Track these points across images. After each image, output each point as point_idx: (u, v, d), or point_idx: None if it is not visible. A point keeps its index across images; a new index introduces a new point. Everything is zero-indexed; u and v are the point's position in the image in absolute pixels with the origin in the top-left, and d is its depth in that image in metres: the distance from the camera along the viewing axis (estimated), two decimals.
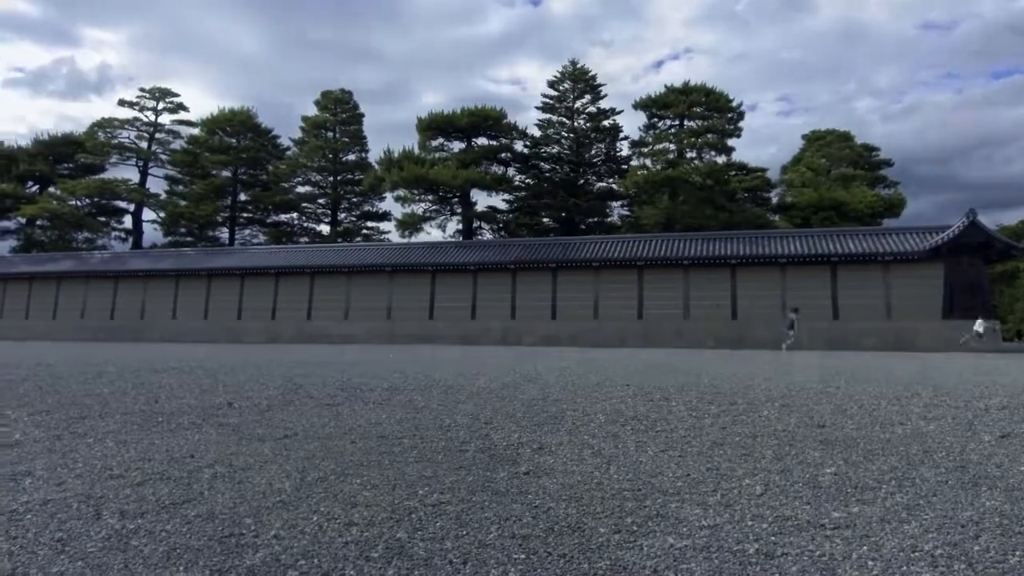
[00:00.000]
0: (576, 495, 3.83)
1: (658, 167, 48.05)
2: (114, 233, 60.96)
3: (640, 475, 4.31)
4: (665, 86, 50.11)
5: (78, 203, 57.48)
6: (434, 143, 50.87)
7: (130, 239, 60.22)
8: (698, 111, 48.39)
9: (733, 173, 49.59)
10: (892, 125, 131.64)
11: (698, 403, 7.30)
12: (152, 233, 60.78)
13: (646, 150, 50.20)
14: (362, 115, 59.55)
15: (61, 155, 60.52)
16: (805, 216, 48.01)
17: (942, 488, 4.01)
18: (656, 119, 50.24)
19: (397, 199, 50.18)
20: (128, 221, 61.11)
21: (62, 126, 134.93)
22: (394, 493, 3.85)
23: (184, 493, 3.82)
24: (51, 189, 58.98)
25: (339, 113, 58.26)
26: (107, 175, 60.33)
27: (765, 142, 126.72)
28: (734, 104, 48.62)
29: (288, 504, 3.63)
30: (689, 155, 48.70)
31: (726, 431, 5.78)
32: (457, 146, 51.34)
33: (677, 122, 49.44)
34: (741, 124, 49.22)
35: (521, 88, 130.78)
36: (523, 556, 2.89)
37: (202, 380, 9.28)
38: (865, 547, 3.01)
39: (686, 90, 48.80)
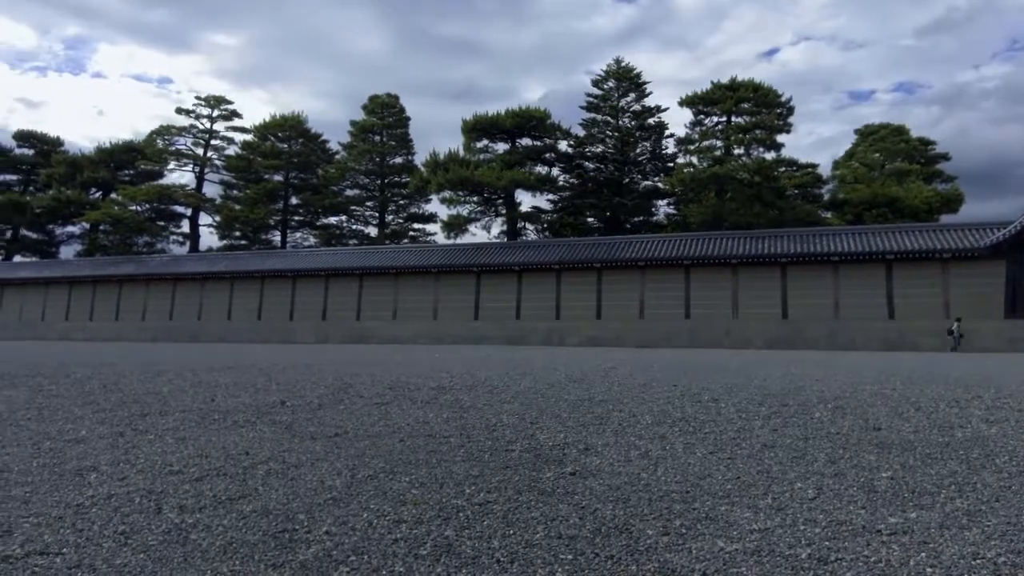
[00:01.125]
0: (623, 496, 3.82)
1: (705, 164, 47.31)
2: (172, 237, 63.01)
3: (688, 477, 4.27)
4: (712, 82, 49.34)
5: (138, 208, 59.57)
6: (479, 145, 51.13)
7: (187, 243, 62.15)
8: (746, 107, 47.47)
9: (783, 169, 48.48)
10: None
11: (748, 405, 7.17)
12: (208, 237, 62.74)
13: (692, 147, 49.48)
14: (408, 118, 60.23)
15: (122, 162, 62.83)
16: (858, 213, 46.65)
17: (1005, 493, 3.86)
18: (703, 116, 49.50)
19: (443, 201, 50.62)
20: (185, 225, 63.08)
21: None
22: (442, 491, 3.90)
23: (240, 489, 3.94)
24: (113, 195, 61.23)
25: (386, 117, 59.02)
26: (165, 181, 62.49)
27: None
28: (783, 99, 47.60)
29: (339, 501, 3.71)
30: (737, 152, 47.82)
31: (777, 433, 5.67)
32: (501, 147, 51.51)
33: (724, 119, 48.62)
34: (791, 120, 48.15)
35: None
36: (570, 557, 2.89)
37: (256, 379, 9.54)
38: (923, 554, 2.93)
39: (733, 86, 47.95)
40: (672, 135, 52.28)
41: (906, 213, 45.10)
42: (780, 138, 47.56)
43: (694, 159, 49.10)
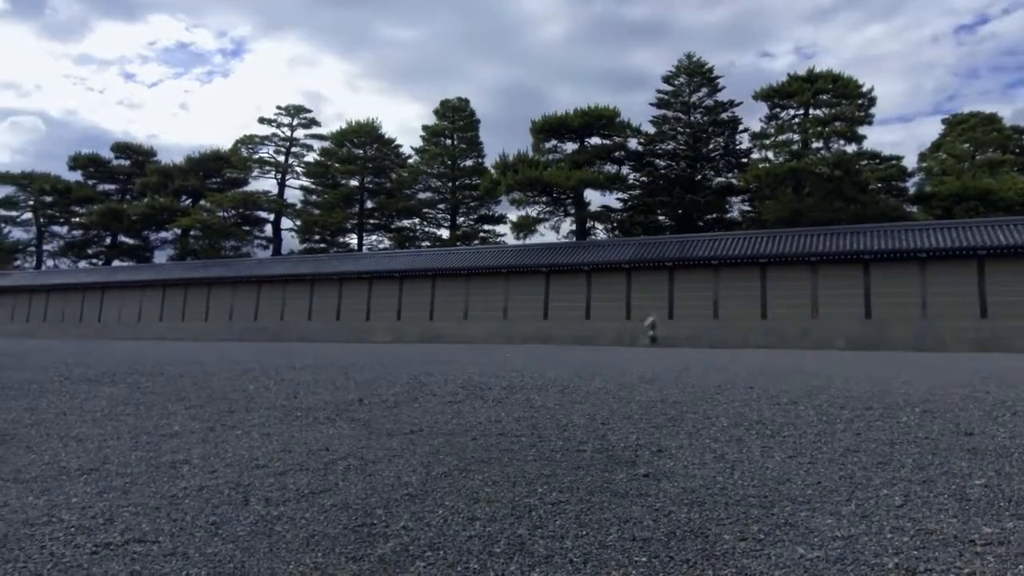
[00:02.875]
0: (698, 499, 3.76)
1: (781, 159, 45.82)
2: (256, 241, 65.97)
3: (766, 481, 4.16)
4: (788, 74, 47.76)
5: (225, 214, 62.58)
6: (547, 145, 51.13)
7: (270, 246, 64.83)
8: (824, 99, 45.72)
9: (864, 162, 46.43)
10: None
11: (829, 407, 6.92)
12: (289, 240, 65.19)
13: (768, 142, 48.02)
14: (478, 121, 60.90)
15: (210, 170, 66.24)
16: (947, 206, 44.19)
17: None
18: (778, 109, 47.96)
19: (512, 202, 50.86)
20: (269, 229, 65.84)
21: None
22: (514, 490, 3.93)
23: (321, 483, 4.08)
24: (202, 202, 64.58)
25: (456, 121, 59.86)
26: (250, 188, 65.47)
27: None
28: (864, 89, 45.61)
29: (415, 497, 3.79)
30: (815, 145, 46.10)
31: (860, 437, 5.45)
32: (570, 147, 51.36)
33: (801, 111, 46.97)
34: (872, 111, 46.08)
35: (802, 56, 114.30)
36: (644, 559, 2.87)
37: (335, 378, 9.85)
38: (1021, 566, 2.77)
39: (811, 77, 46.27)
40: (746, 130, 50.94)
41: (999, 206, 42.41)
42: (861, 130, 45.65)
43: (770, 154, 47.67)
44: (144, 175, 67.52)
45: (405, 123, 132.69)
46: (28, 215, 71.26)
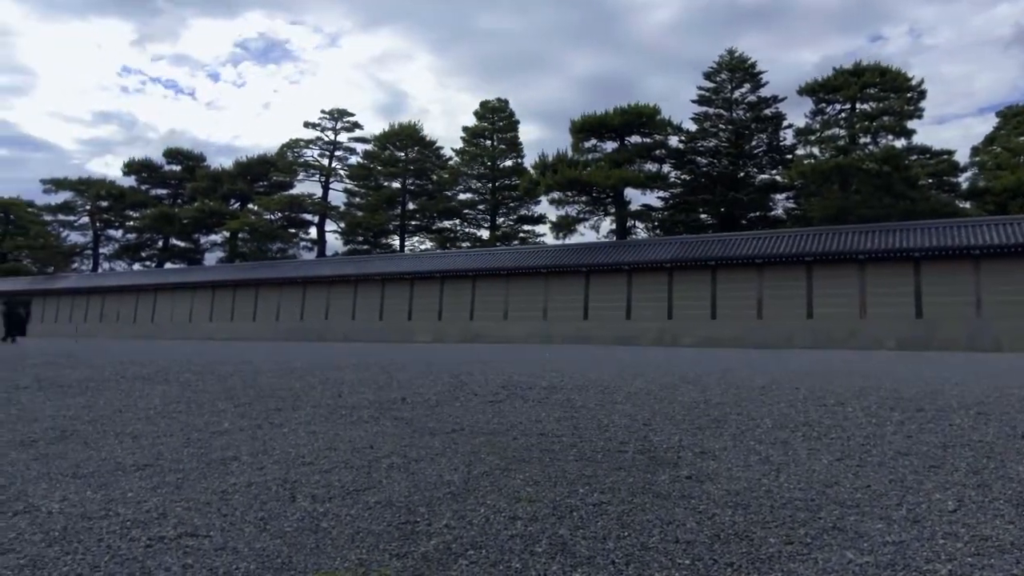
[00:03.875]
0: (743, 502, 3.71)
1: (827, 155, 44.76)
2: (302, 243, 67.48)
3: (813, 484, 4.09)
4: (833, 68, 46.64)
5: (272, 217, 64.18)
6: (587, 144, 50.94)
7: (315, 248, 66.20)
8: (872, 92, 44.50)
9: (914, 157, 45.06)
10: None
11: (878, 409, 6.75)
12: (334, 242, 66.52)
13: (813, 138, 46.98)
14: (517, 122, 61.07)
15: (257, 174, 67.96)
16: (1001, 202, 42.60)
17: None
18: (824, 104, 46.88)
19: (551, 202, 50.83)
20: (313, 231, 67.33)
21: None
22: (555, 490, 3.94)
23: (365, 481, 4.15)
24: (250, 205, 66.31)
25: (496, 122, 60.10)
26: (295, 191, 67.03)
27: None
28: (913, 83, 44.26)
29: (457, 496, 3.83)
30: (862, 140, 44.92)
31: (912, 440, 5.31)
32: (610, 146, 51.07)
33: (848, 106, 45.82)
34: (922, 104, 44.69)
35: (914, 37, 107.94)
36: (687, 562, 2.85)
37: (378, 376, 9.98)
38: None
39: (857, 71, 45.09)
40: (790, 126, 49.95)
41: None
42: (911, 124, 44.33)
43: (815, 150, 46.64)
44: (194, 179, 69.61)
45: None
46: (85, 219, 74.12)
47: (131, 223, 72.10)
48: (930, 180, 45.79)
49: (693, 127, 51.13)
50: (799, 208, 48.97)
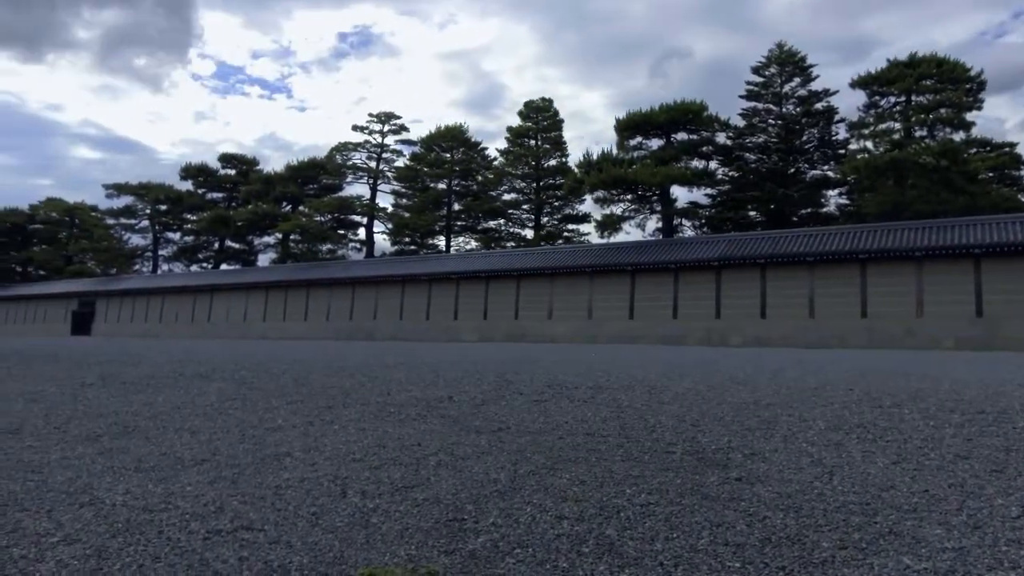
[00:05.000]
0: (794, 505, 3.64)
1: (881, 149, 43.35)
2: (351, 244, 68.75)
3: (868, 488, 3.98)
4: (888, 60, 45.16)
5: (322, 219, 65.52)
6: (632, 142, 50.49)
7: (364, 249, 67.33)
8: (928, 84, 42.92)
9: (973, 151, 43.27)
10: None
11: (936, 411, 6.53)
12: (381, 243, 67.57)
13: (867, 132, 45.54)
14: (562, 121, 60.93)
15: (308, 177, 69.60)
16: None
17: None
18: (878, 97, 45.43)
19: (596, 201, 50.51)
20: (362, 233, 68.45)
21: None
22: (602, 490, 3.93)
23: (413, 478, 4.21)
24: (301, 207, 67.83)
25: (540, 121, 60.09)
26: (344, 193, 68.34)
27: None
28: (972, 74, 42.55)
29: (504, 494, 3.85)
30: (919, 134, 43.37)
31: (972, 443, 5.12)
32: (655, 143, 50.50)
33: (903, 99, 44.30)
34: (982, 96, 42.92)
35: None
36: (738, 565, 2.81)
37: (425, 375, 10.10)
38: None
39: (913, 63, 43.57)
40: (843, 120, 48.59)
41: None
42: (970, 116, 42.65)
43: (869, 144, 45.22)
44: (248, 183, 71.64)
45: (583, 112, 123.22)
46: (145, 223, 77.00)
47: (188, 226, 74.60)
48: (990, 174, 43.96)
49: (741, 123, 50.23)
50: (852, 204, 47.61)
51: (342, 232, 67.65)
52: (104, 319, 60.55)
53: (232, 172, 76.30)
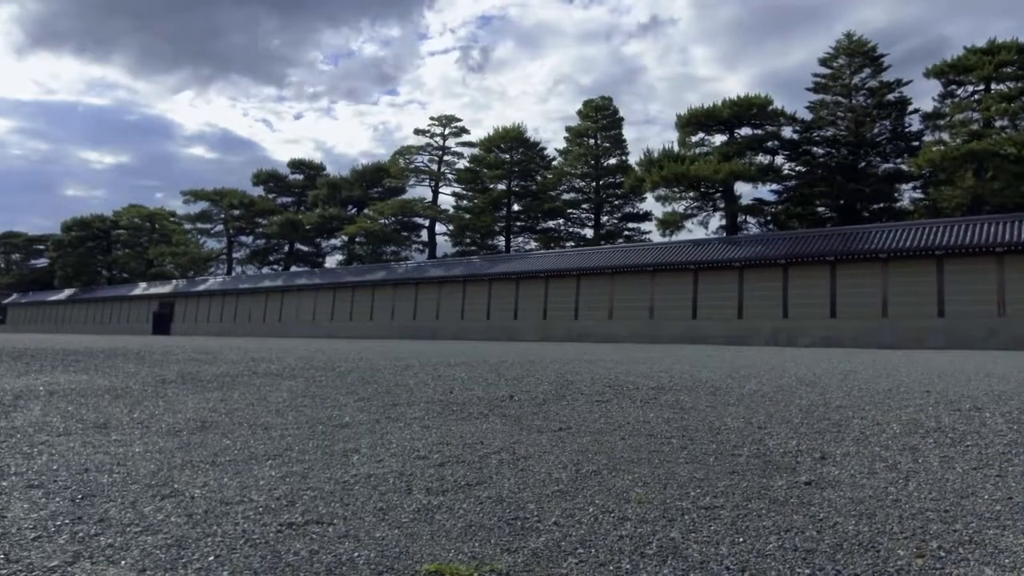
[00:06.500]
0: (867, 511, 3.52)
1: (958, 140, 41.33)
2: (414, 245, 69.97)
3: (946, 494, 3.82)
4: (965, 47, 43.00)
5: (386, 221, 67.00)
6: (694, 139, 49.63)
7: (426, 250, 68.48)
8: (1009, 71, 40.64)
9: None
10: None
11: (1020, 415, 6.19)
12: (443, 244, 68.62)
13: (942, 122, 43.56)
14: (622, 119, 60.50)
15: (372, 181, 71.39)
16: None
17: None
18: (954, 86, 43.33)
19: (658, 198, 49.92)
20: (424, 234, 69.53)
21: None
22: (665, 492, 3.89)
23: (476, 476, 4.26)
24: (366, 211, 69.51)
25: (600, 120, 59.72)
26: (407, 196, 69.68)
27: None
28: None
29: (565, 494, 3.86)
30: (999, 123, 41.13)
31: None
32: (719, 139, 49.51)
33: (981, 87, 42.10)
34: None
35: None
36: (807, 571, 2.74)
37: (487, 374, 10.19)
38: None
39: (991, 49, 41.35)
40: (917, 110, 46.59)
41: None
42: None
43: (945, 135, 43.25)
44: (316, 188, 73.90)
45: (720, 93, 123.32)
46: (220, 227, 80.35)
47: (260, 230, 77.39)
48: None
49: (808, 116, 48.73)
50: (928, 198, 45.60)
51: (405, 234, 69.03)
52: (182, 319, 63.41)
53: (300, 177, 78.82)
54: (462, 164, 67.41)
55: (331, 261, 74.51)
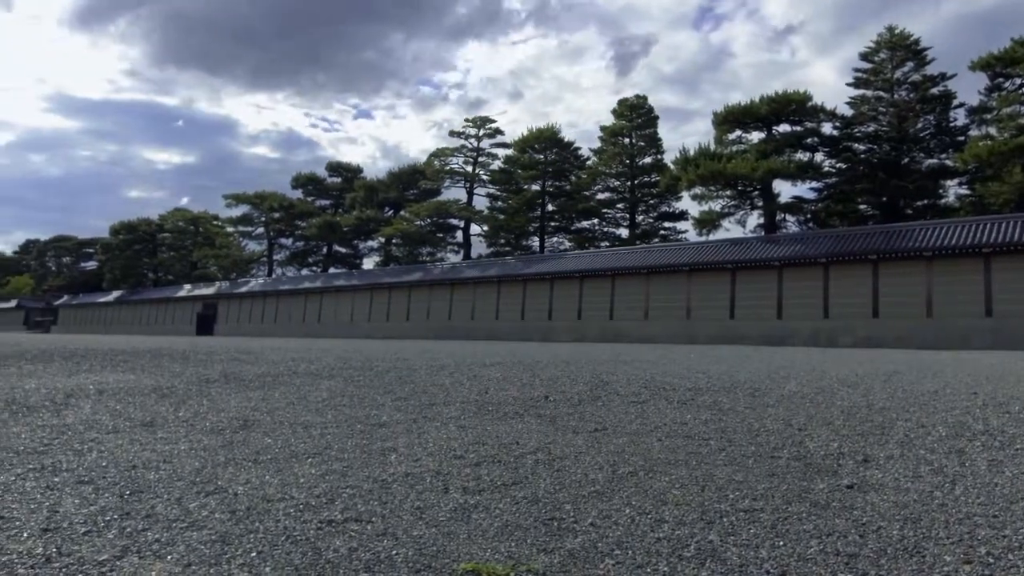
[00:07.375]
0: (912, 515, 3.44)
1: (1006, 135, 40.00)
2: (449, 246, 70.49)
3: (995, 499, 3.71)
4: (1012, 39, 41.56)
5: (421, 223, 67.60)
6: (731, 136, 48.94)
7: (461, 251, 68.99)
8: None
9: None
10: None
11: None
12: (478, 245, 68.94)
13: (989, 116, 42.18)
14: (656, 118, 59.90)
15: (408, 183, 72.19)
16: None
17: None
18: (1001, 79, 41.91)
19: (694, 197, 49.37)
20: (459, 235, 70.10)
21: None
22: (703, 494, 3.85)
23: (512, 476, 4.28)
24: (402, 212, 70.27)
25: (635, 119, 59.29)
26: (442, 197, 70.15)
27: None
28: None
29: (602, 495, 3.85)
30: None
31: None
32: (756, 136, 48.75)
33: None
34: None
35: None
36: None
37: (522, 375, 10.21)
38: None
39: None
40: (962, 104, 45.21)
41: None
42: None
43: (991, 130, 41.89)
44: (353, 190, 74.95)
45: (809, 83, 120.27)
46: (260, 230, 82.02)
47: (299, 232, 78.76)
48: None
49: (849, 112, 47.68)
50: (974, 194, 44.22)
51: (440, 235, 69.57)
52: (225, 320, 64.81)
53: (338, 180, 79.99)
54: (496, 165, 67.65)
55: (368, 263, 75.55)
